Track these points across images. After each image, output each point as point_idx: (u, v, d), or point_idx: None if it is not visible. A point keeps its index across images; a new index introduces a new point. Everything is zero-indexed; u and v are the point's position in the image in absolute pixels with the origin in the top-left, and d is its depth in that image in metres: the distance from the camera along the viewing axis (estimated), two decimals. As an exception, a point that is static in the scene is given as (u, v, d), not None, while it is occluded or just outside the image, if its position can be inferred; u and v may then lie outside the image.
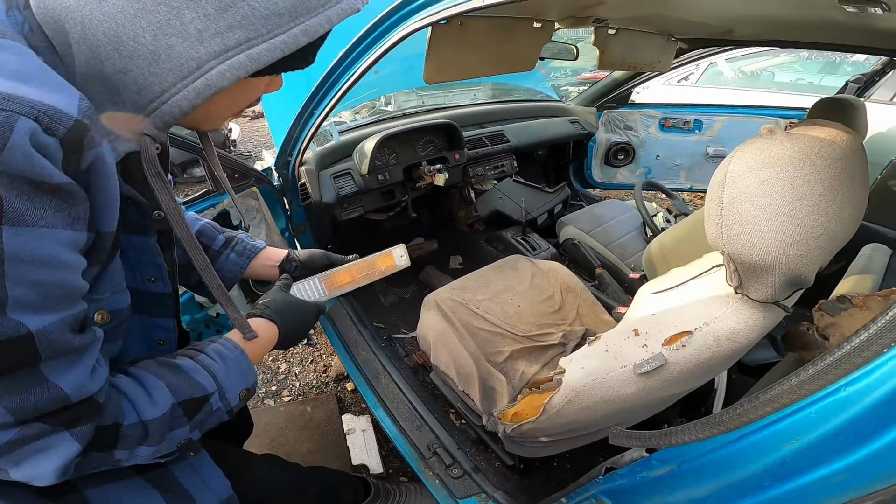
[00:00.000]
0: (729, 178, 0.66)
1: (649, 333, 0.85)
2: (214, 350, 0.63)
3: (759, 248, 0.63)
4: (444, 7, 0.94)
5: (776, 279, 0.65)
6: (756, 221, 0.63)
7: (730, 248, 0.66)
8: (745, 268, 0.67)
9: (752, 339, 0.78)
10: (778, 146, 0.65)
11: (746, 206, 0.64)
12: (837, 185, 0.66)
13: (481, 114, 2.35)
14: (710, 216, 0.69)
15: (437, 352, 1.47)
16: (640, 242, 1.92)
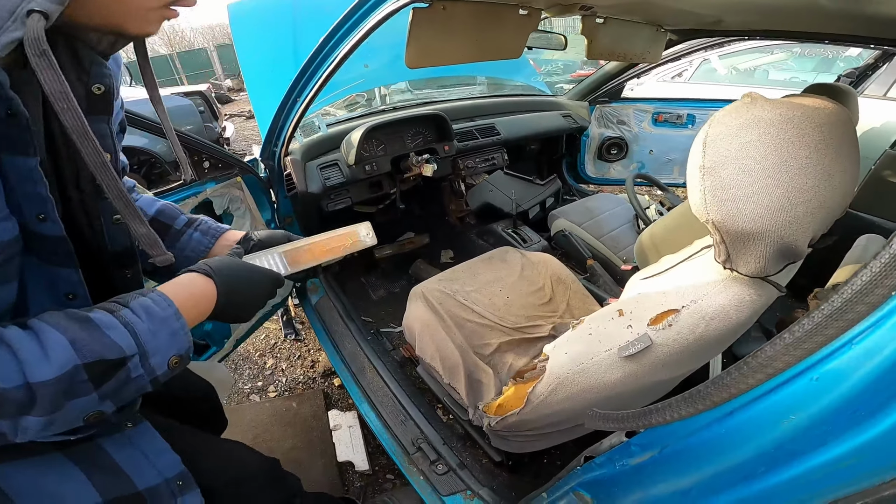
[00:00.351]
0: (709, 141, 0.63)
1: (634, 313, 0.81)
2: (140, 305, 0.53)
3: (744, 213, 0.60)
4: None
5: (765, 249, 0.62)
6: (740, 185, 0.60)
7: (714, 215, 0.63)
8: (731, 237, 0.64)
9: (743, 318, 0.75)
10: (759, 108, 0.62)
11: (729, 171, 0.60)
12: (824, 150, 0.62)
13: (473, 107, 2.33)
14: (692, 184, 0.66)
15: (423, 343, 1.44)
16: (632, 235, 1.89)
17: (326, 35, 1.23)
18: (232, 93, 12.87)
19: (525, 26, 1.42)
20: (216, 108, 5.46)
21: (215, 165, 1.52)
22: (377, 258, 2.19)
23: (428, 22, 1.17)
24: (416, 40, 1.20)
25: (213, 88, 6.16)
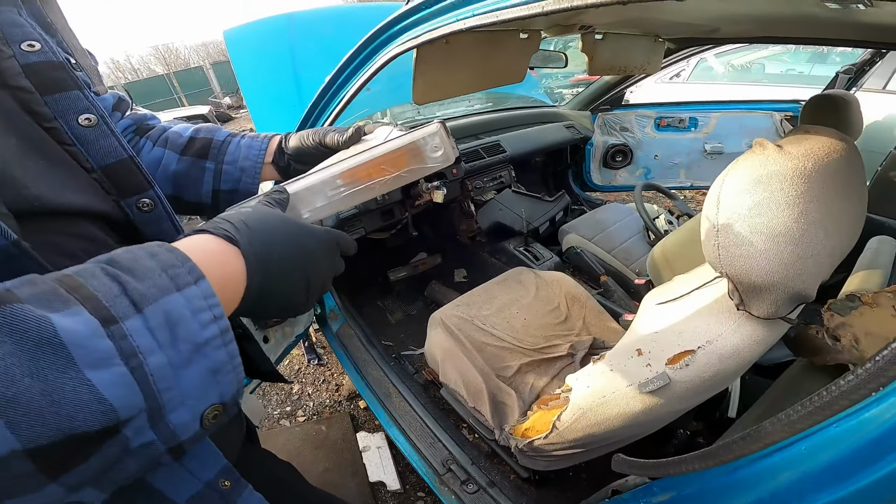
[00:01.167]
0: (723, 198, 0.66)
1: (652, 353, 0.85)
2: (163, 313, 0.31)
3: (756, 270, 0.63)
4: (425, 31, 0.94)
5: (777, 297, 0.65)
6: (752, 244, 0.62)
7: (728, 269, 0.66)
8: (744, 288, 0.67)
9: (757, 353, 0.78)
10: (771, 163, 0.65)
11: (742, 229, 0.63)
12: (834, 199, 0.65)
13: (476, 124, 2.36)
14: (706, 237, 0.69)
15: (446, 369, 1.47)
16: (643, 246, 1.91)
17: (330, 77, 1.26)
18: (232, 110, 12.99)
19: (526, 49, 1.46)
20: (219, 131, 5.53)
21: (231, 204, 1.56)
22: (392, 281, 2.23)
23: (432, 57, 1.20)
24: (423, 76, 1.24)
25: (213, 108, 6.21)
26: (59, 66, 0.48)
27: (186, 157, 0.72)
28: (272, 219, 0.45)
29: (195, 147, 0.73)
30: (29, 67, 0.45)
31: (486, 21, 0.73)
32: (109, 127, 0.51)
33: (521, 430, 1.22)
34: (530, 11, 0.63)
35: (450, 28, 0.84)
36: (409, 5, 0.94)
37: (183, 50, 20.92)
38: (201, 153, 0.73)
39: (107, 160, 0.51)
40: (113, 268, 0.31)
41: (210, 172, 0.73)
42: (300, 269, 0.44)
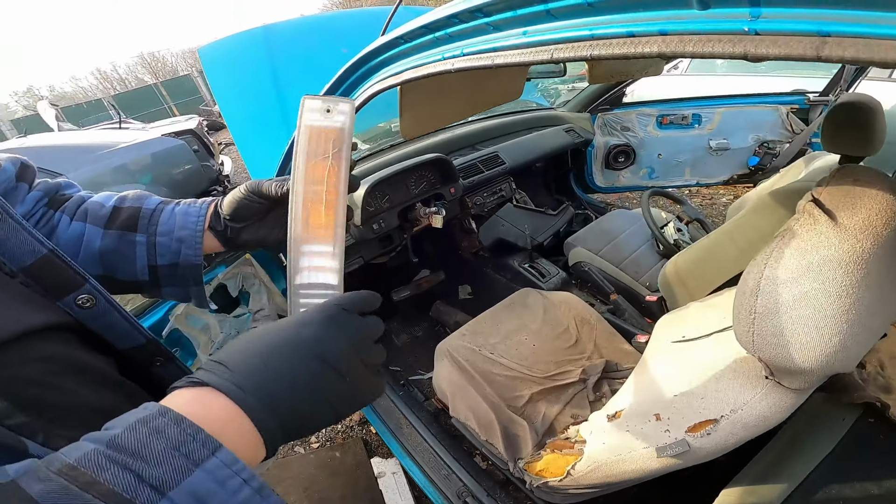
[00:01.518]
0: (764, 285, 0.58)
1: (671, 419, 0.79)
2: (190, 493, 0.29)
3: (796, 359, 0.56)
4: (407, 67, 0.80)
5: (814, 378, 0.59)
6: (794, 335, 0.55)
7: (762, 354, 0.60)
8: (778, 370, 0.61)
9: (784, 417, 0.73)
10: (824, 245, 0.57)
11: (784, 320, 0.56)
12: (886, 279, 0.58)
13: (472, 134, 2.29)
14: (740, 319, 0.62)
15: (456, 403, 1.43)
16: (653, 256, 1.84)
17: None
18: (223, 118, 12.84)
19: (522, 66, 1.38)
20: (210, 144, 5.44)
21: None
22: (395, 301, 2.18)
23: (419, 89, 1.11)
24: (409, 110, 1.16)
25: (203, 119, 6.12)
26: None
27: (112, 231, 0.62)
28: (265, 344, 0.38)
29: (121, 218, 0.63)
30: None
31: (478, 64, 0.63)
32: (16, 220, 0.46)
33: (536, 469, 1.19)
34: (536, 57, 0.51)
35: (436, 67, 0.73)
36: (385, 38, 0.82)
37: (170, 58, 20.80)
38: (128, 225, 0.63)
39: (26, 260, 0.45)
40: (119, 454, 0.29)
41: (142, 246, 0.63)
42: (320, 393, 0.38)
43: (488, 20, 0.56)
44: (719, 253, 1.29)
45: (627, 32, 0.40)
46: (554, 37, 0.47)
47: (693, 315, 1.13)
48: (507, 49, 0.55)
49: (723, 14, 0.34)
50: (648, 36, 0.38)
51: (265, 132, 1.81)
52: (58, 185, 0.65)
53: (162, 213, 0.64)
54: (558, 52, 0.47)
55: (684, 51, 0.36)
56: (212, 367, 0.36)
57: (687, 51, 0.36)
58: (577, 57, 0.45)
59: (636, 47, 0.39)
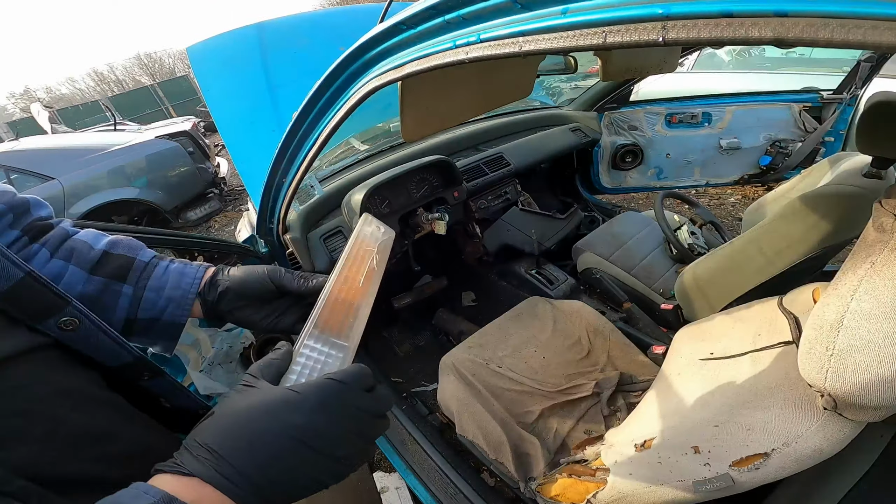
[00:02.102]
0: (849, 320, 0.51)
1: (713, 453, 0.71)
2: None
3: (873, 397, 0.48)
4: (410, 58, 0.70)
5: (885, 413, 0.51)
6: (877, 374, 0.48)
7: (833, 391, 0.52)
8: (845, 405, 0.53)
9: (840, 448, 0.65)
10: None
11: (868, 358, 0.49)
12: None
13: (475, 134, 2.20)
14: (812, 356, 0.54)
15: (462, 422, 1.35)
16: (665, 261, 1.76)
17: (297, 116, 1.07)
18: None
19: (532, 60, 1.30)
20: (205, 146, 5.37)
21: (211, 258, 1.42)
22: (396, 308, 2.09)
23: (422, 85, 1.02)
24: (411, 109, 1.05)
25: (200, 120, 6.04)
26: None
27: (97, 278, 0.58)
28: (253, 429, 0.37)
29: (110, 266, 0.59)
30: None
31: (500, 52, 0.53)
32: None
33: (551, 493, 1.12)
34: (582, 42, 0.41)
35: (446, 57, 0.63)
36: (384, 24, 0.72)
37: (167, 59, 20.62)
38: (117, 275, 0.59)
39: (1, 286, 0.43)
40: None
41: (126, 298, 0.59)
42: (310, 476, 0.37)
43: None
44: (743, 262, 1.21)
45: (722, 11, 0.31)
46: (609, 16, 0.38)
47: (720, 328, 1.05)
48: (540, 32, 0.45)
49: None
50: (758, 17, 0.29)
51: (257, 133, 1.72)
52: (25, 203, 0.57)
53: (156, 267, 0.62)
54: (614, 34, 0.38)
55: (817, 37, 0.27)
56: (199, 453, 0.35)
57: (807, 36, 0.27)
58: (643, 41, 0.36)
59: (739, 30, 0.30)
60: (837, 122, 2.10)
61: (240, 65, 1.81)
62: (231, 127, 1.67)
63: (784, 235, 1.10)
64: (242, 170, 1.60)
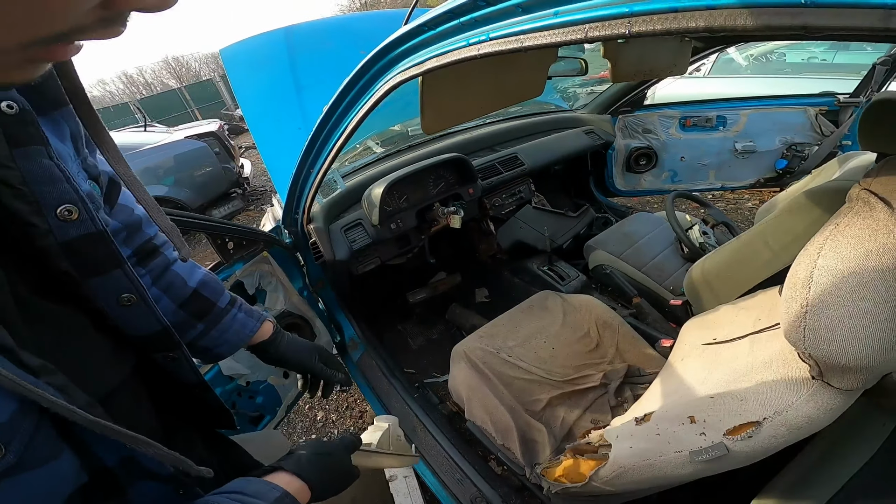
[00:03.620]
0: (817, 275, 0.55)
1: (708, 422, 0.75)
2: None
3: (849, 354, 0.52)
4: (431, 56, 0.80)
5: (867, 376, 0.55)
6: (849, 328, 0.52)
7: (814, 352, 0.56)
8: (828, 368, 0.57)
9: (831, 420, 0.68)
10: (883, 232, 0.53)
11: (839, 313, 0.53)
12: None
13: (491, 135, 2.26)
14: (789, 315, 0.58)
15: (472, 407, 1.40)
16: (677, 259, 1.79)
17: (329, 108, 1.16)
18: (244, 122, 13.03)
19: (544, 60, 1.35)
20: (231, 147, 5.53)
21: (240, 244, 1.50)
22: (411, 303, 2.16)
23: (440, 82, 1.09)
24: (431, 104, 1.13)
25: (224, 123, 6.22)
26: (98, 240, 0.43)
27: (182, 312, 0.69)
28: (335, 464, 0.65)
29: (196, 305, 0.71)
30: (68, 247, 0.41)
31: (506, 48, 0.60)
32: (148, 304, 0.51)
33: (554, 475, 1.15)
34: (569, 37, 0.49)
35: (461, 54, 0.71)
36: (408, 26, 0.82)
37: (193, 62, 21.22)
38: (198, 314, 0.71)
39: (141, 332, 0.52)
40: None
41: (196, 331, 0.71)
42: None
43: (518, 1, 0.53)
44: (750, 255, 1.24)
45: (670, 7, 0.37)
46: (588, 15, 0.45)
47: (724, 317, 1.08)
48: (536, 31, 0.53)
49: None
50: (695, 10, 0.35)
51: (284, 131, 1.82)
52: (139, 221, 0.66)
53: (228, 314, 0.75)
54: (593, 30, 0.45)
55: (735, 24, 0.33)
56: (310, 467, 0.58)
57: (738, 24, 0.33)
58: (614, 35, 0.42)
59: (680, 22, 0.37)
60: (854, 125, 2.10)
61: (269, 66, 1.91)
62: (260, 124, 1.77)
63: (789, 230, 1.13)
64: (270, 164, 1.69)
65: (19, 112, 0.37)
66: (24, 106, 0.38)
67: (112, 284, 0.46)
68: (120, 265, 0.46)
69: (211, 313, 0.72)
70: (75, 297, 0.44)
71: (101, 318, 0.47)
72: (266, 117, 1.85)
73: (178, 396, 0.63)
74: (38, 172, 0.38)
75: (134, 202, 0.66)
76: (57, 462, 0.36)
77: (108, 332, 0.49)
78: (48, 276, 0.42)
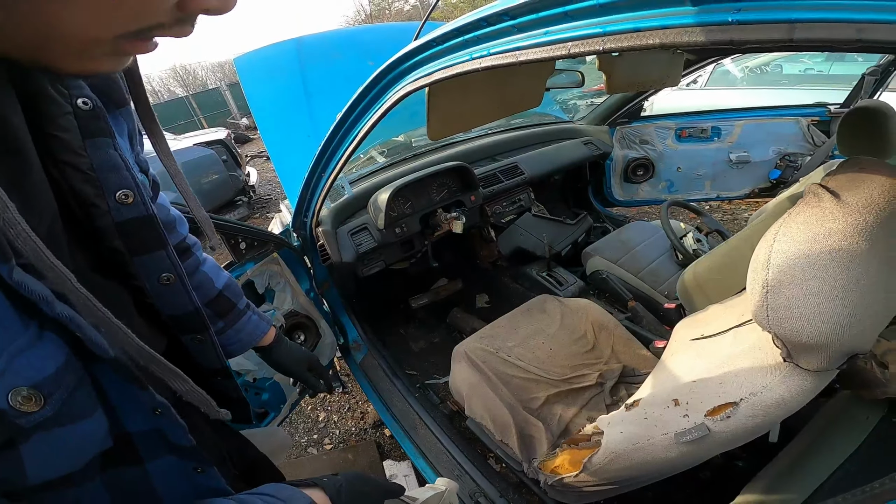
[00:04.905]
0: (774, 258, 0.61)
1: (690, 404, 0.81)
2: None
3: (808, 332, 0.58)
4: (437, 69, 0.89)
5: (830, 355, 0.60)
6: (805, 306, 0.58)
7: (777, 330, 0.62)
8: (793, 346, 0.63)
9: (804, 402, 0.74)
10: (829, 218, 0.60)
11: (794, 292, 0.59)
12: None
13: (492, 145, 2.33)
14: (753, 296, 0.64)
15: (472, 403, 1.45)
16: (672, 266, 1.85)
17: (342, 115, 1.24)
18: (249, 131, 13.21)
19: (542, 73, 1.42)
20: (238, 155, 5.63)
21: (251, 245, 1.56)
22: (413, 308, 2.21)
23: (445, 92, 1.17)
24: (436, 112, 1.21)
25: (231, 132, 6.34)
26: (147, 223, 0.49)
27: (208, 309, 0.73)
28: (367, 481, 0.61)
29: (220, 305, 0.78)
30: (122, 227, 0.46)
31: (503, 62, 0.69)
32: (184, 284, 0.55)
33: (551, 467, 1.20)
34: (553, 54, 0.58)
35: (464, 67, 0.80)
36: (418, 42, 0.91)
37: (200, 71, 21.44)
38: (220, 313, 0.79)
39: (175, 312, 0.56)
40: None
41: (216, 328, 0.76)
42: None
43: (514, 22, 0.61)
44: (738, 259, 1.29)
45: (633, 28, 0.44)
46: (571, 35, 0.53)
47: (712, 315, 1.14)
48: (529, 48, 0.61)
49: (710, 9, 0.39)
50: (651, 30, 0.43)
51: (294, 137, 1.90)
52: (174, 221, 0.74)
53: (244, 315, 0.82)
54: (575, 47, 0.52)
55: (680, 41, 0.40)
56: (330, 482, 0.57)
57: (683, 41, 0.40)
58: (591, 51, 0.50)
59: (641, 40, 0.44)
60: (843, 135, 2.16)
61: (280, 75, 2.00)
62: (272, 130, 1.85)
63: (773, 232, 1.19)
64: (280, 169, 1.76)
65: (93, 108, 0.43)
66: (97, 103, 0.44)
67: (156, 264, 0.51)
68: (164, 247, 0.51)
69: (231, 313, 0.80)
70: (122, 273, 0.49)
71: (141, 295, 0.52)
72: (277, 124, 1.93)
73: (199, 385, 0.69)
74: (104, 160, 0.44)
75: (170, 204, 0.73)
76: (89, 421, 0.38)
77: (146, 311, 0.54)
78: (101, 253, 0.47)
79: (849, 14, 0.33)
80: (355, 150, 1.28)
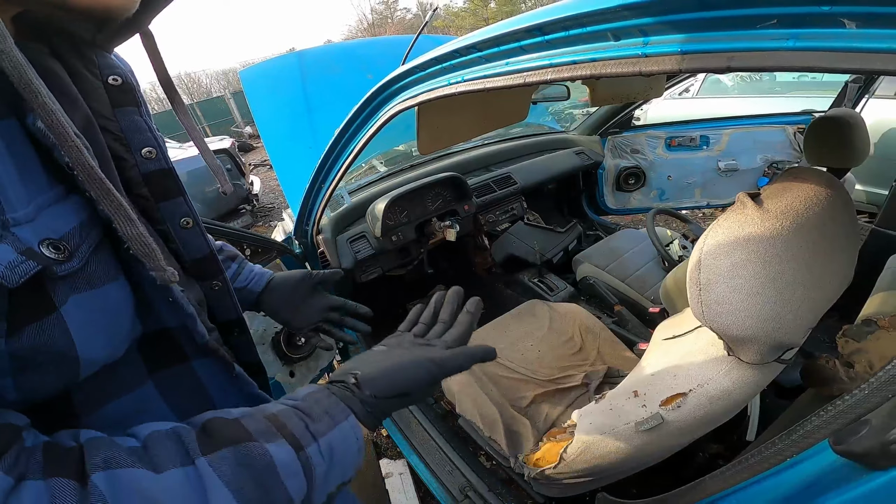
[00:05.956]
0: (703, 259, 0.69)
1: (648, 395, 0.88)
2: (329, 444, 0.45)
3: (737, 325, 0.65)
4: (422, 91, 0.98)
5: (760, 347, 0.68)
6: (731, 302, 0.65)
7: (711, 324, 0.69)
8: (728, 338, 0.70)
9: (749, 394, 0.81)
10: (749, 224, 0.67)
11: (722, 288, 0.66)
12: (816, 252, 0.68)
13: (486, 156, 2.41)
14: (691, 295, 0.72)
15: (462, 401, 1.51)
16: (658, 272, 1.91)
17: (339, 132, 1.32)
18: (253, 140, 13.35)
19: (526, 89, 1.51)
20: (242, 164, 5.74)
21: (256, 251, 1.65)
22: (410, 312, 2.27)
23: (433, 109, 1.26)
24: (426, 128, 1.30)
25: (235, 140, 6.46)
26: (167, 174, 0.55)
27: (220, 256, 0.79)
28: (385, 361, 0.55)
29: (226, 253, 0.85)
30: (147, 177, 0.53)
31: (474, 88, 0.78)
32: (200, 228, 0.60)
33: (534, 460, 1.25)
34: (513, 82, 0.67)
35: (444, 91, 0.89)
36: (403, 67, 1.00)
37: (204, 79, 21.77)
38: (231, 256, 0.85)
39: (196, 255, 0.61)
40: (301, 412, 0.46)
41: (233, 269, 0.84)
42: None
43: (481, 54, 0.70)
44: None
45: (571, 61, 0.53)
46: (526, 66, 0.61)
47: (686, 317, 1.21)
48: (495, 76, 0.70)
49: (627, 43, 0.48)
50: (584, 63, 0.51)
51: (296, 148, 1.99)
52: None
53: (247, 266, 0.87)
54: (529, 77, 0.60)
55: (604, 72, 0.49)
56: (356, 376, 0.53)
57: (607, 72, 0.48)
58: (540, 81, 0.58)
59: (576, 71, 0.52)
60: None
61: (283, 87, 2.09)
62: (275, 141, 1.94)
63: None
64: (283, 179, 1.85)
65: (122, 83, 0.51)
66: (127, 79, 0.51)
67: (176, 208, 0.57)
68: (182, 194, 0.58)
69: (238, 257, 0.86)
70: (149, 218, 0.55)
71: (166, 240, 0.57)
72: (280, 136, 2.03)
73: None
74: (130, 125, 0.51)
75: None
76: (115, 284, 0.43)
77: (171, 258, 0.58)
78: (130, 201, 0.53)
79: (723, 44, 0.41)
80: (352, 163, 1.36)
